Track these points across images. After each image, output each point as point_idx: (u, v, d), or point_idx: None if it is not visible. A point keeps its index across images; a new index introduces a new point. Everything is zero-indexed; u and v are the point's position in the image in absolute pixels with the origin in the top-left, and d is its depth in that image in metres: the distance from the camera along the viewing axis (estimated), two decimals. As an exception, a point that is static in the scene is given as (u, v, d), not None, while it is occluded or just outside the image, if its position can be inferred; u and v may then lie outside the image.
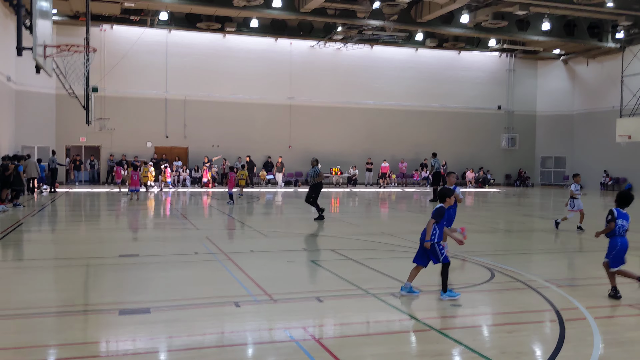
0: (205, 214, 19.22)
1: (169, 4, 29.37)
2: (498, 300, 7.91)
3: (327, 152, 37.30)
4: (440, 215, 7.45)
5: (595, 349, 5.64)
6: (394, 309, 7.06)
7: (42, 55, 13.24)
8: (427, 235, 7.36)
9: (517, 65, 41.81)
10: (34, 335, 5.91)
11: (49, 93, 32.06)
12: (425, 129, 39.60)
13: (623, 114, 35.59)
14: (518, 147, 41.75)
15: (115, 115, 33.32)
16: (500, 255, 11.57)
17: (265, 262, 10.26)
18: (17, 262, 10.59)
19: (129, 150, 34.04)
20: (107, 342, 5.80)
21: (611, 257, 7.73)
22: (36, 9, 12.57)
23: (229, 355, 5.48)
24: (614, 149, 36.63)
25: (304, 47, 37.02)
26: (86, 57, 17.66)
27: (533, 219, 19.13)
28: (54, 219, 17.54)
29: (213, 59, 35.43)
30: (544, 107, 42.50)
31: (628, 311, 7.17)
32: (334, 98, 37.63)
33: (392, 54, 38.66)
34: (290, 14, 30.88)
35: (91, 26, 25.59)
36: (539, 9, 31.09)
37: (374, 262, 9.72)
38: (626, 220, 7.76)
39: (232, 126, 35.65)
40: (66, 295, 7.71)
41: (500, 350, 5.58)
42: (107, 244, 12.43)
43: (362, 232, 14.24)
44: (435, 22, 32.58)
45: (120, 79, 33.49)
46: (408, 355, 5.54)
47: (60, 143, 33.11)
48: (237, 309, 6.95)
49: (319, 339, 5.86)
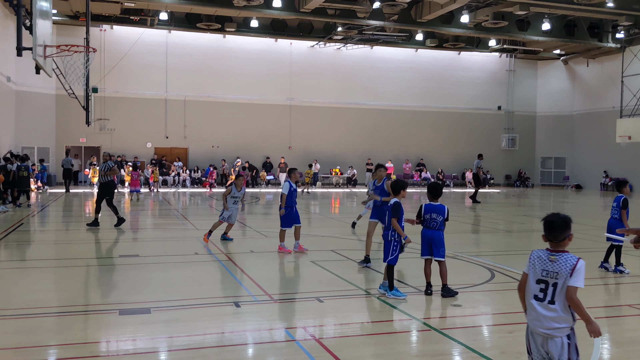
0: (205, 214, 19.22)
1: (169, 4, 29.38)
2: (498, 300, 7.91)
3: (327, 152, 37.32)
4: (397, 210, 7.45)
5: (595, 349, 5.64)
6: (394, 309, 7.06)
7: (42, 55, 13.23)
8: (400, 233, 7.39)
9: (517, 66, 41.82)
10: (34, 335, 5.91)
11: (49, 93, 32.06)
12: (425, 129, 39.62)
13: (623, 114, 35.59)
14: (518, 147, 41.74)
15: (115, 116, 33.33)
16: (500, 255, 11.56)
17: (265, 262, 10.26)
18: (17, 263, 10.59)
19: (129, 151, 34.05)
20: (107, 342, 5.79)
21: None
22: (36, 9, 12.56)
23: (229, 355, 5.48)
24: (614, 150, 36.62)
25: (304, 47, 37.03)
26: (86, 58, 17.66)
27: (533, 220, 19.14)
28: (54, 219, 17.54)
29: (213, 59, 35.43)
30: (544, 108, 42.51)
31: (628, 311, 7.17)
32: (334, 98, 37.64)
33: (392, 54, 38.67)
34: (290, 14, 30.89)
35: (91, 26, 25.63)
36: (539, 9, 31.10)
37: (374, 263, 9.71)
38: (437, 212, 7.53)
39: (232, 126, 35.65)
40: (66, 296, 7.71)
41: (500, 351, 5.58)
42: (107, 244, 12.43)
43: (362, 233, 14.23)
44: (435, 22, 32.59)
45: (120, 79, 33.51)
46: (408, 355, 5.54)
47: (60, 143, 33.11)
48: (237, 309, 6.95)
49: (319, 339, 5.86)
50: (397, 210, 7.45)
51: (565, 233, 3.87)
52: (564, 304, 3.78)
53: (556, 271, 3.80)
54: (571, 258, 3.81)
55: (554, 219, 3.88)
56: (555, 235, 3.87)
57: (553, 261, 3.83)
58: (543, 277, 3.86)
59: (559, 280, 3.79)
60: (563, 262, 3.80)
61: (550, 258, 3.85)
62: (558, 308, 3.79)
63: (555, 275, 3.80)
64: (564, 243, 3.88)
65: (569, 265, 3.77)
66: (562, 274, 3.78)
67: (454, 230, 16.25)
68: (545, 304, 3.84)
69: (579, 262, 3.78)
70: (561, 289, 3.78)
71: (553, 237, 3.88)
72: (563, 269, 3.78)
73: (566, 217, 3.88)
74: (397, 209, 7.45)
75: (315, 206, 22.49)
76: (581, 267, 3.77)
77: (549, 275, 3.83)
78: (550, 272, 3.83)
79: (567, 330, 3.82)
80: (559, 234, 3.87)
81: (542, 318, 3.85)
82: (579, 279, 3.76)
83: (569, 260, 3.80)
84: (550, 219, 3.90)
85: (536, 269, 3.91)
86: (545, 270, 3.85)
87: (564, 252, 3.85)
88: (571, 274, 3.76)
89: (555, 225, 3.87)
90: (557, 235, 3.87)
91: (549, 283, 3.83)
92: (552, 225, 3.87)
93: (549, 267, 3.84)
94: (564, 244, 3.89)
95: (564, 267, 3.78)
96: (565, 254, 3.84)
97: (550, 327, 3.81)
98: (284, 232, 10.98)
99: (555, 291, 3.80)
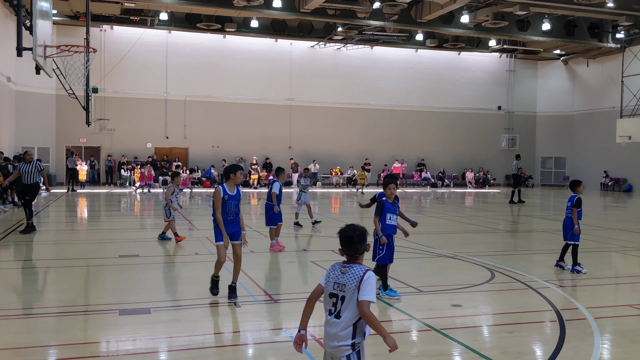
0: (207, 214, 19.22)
1: (169, 4, 29.38)
2: (498, 300, 7.91)
3: (327, 152, 37.32)
4: (380, 209, 7.56)
5: (595, 349, 5.64)
6: (394, 309, 7.06)
7: (42, 55, 13.22)
8: (378, 231, 7.47)
9: (517, 66, 41.82)
10: (34, 335, 5.91)
11: (49, 93, 32.06)
12: (426, 130, 39.62)
13: (623, 114, 35.58)
14: (518, 147, 41.73)
15: (115, 116, 33.32)
16: (500, 255, 11.55)
17: (265, 262, 10.26)
18: (17, 263, 10.58)
19: (129, 151, 34.05)
20: (107, 342, 5.79)
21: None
22: (36, 9, 12.56)
23: (229, 355, 5.48)
24: (614, 150, 36.62)
25: (304, 47, 37.03)
26: (86, 58, 17.66)
27: (533, 219, 19.13)
28: (55, 220, 17.54)
29: (213, 59, 35.44)
30: (544, 108, 42.51)
31: (628, 311, 7.16)
32: (334, 98, 37.64)
33: (392, 54, 38.67)
34: (291, 14, 30.89)
35: (91, 26, 25.61)
36: (539, 9, 31.09)
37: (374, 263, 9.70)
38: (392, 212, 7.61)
39: (232, 127, 35.66)
40: (66, 296, 7.71)
41: (501, 351, 5.58)
42: (107, 244, 12.42)
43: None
44: (435, 22, 32.59)
45: (120, 79, 33.50)
46: (408, 355, 5.54)
47: (60, 143, 33.12)
48: (237, 309, 6.95)
49: (320, 339, 5.85)
50: (379, 208, 7.58)
51: (363, 246, 3.67)
52: (349, 320, 3.56)
53: (344, 283, 3.60)
54: (359, 270, 3.59)
55: (351, 234, 3.67)
56: (354, 249, 3.66)
57: (343, 273, 3.62)
58: (334, 290, 3.65)
59: (346, 293, 3.57)
60: (352, 274, 3.59)
61: (342, 270, 3.65)
62: (341, 323, 3.57)
63: (343, 288, 3.59)
64: (361, 256, 3.69)
65: (357, 277, 3.56)
66: (349, 286, 3.57)
67: (454, 230, 16.26)
68: (332, 318, 3.64)
69: (367, 274, 3.56)
70: (348, 302, 3.56)
71: (352, 251, 3.67)
72: (350, 282, 3.58)
73: (363, 230, 3.70)
74: (380, 207, 7.58)
75: (315, 206, 22.48)
76: (369, 279, 3.55)
77: (339, 287, 3.62)
78: (340, 285, 3.62)
79: (347, 350, 3.57)
80: (358, 247, 3.67)
81: (328, 334, 3.65)
82: (368, 291, 3.52)
83: (357, 272, 3.59)
84: (348, 233, 3.68)
85: (329, 282, 3.70)
86: (337, 282, 3.64)
87: (354, 264, 3.65)
88: (359, 287, 3.53)
89: (353, 240, 3.66)
90: (357, 249, 3.67)
91: (339, 296, 3.62)
92: (351, 240, 3.66)
93: (340, 279, 3.63)
94: (361, 258, 3.69)
95: (351, 280, 3.57)
96: (355, 265, 3.64)
97: (333, 345, 3.62)
98: (273, 230, 11.22)
99: (342, 305, 3.59)
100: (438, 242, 12.66)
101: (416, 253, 11.00)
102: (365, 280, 3.54)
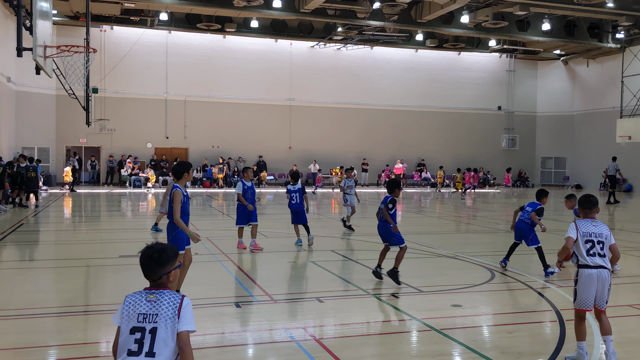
0: (206, 215, 19.23)
1: (169, 4, 29.39)
2: (498, 300, 7.91)
3: (327, 152, 37.31)
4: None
5: (595, 349, 5.64)
6: (394, 309, 7.06)
7: (42, 56, 13.23)
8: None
9: (517, 66, 41.82)
10: (34, 335, 5.91)
11: (49, 94, 32.06)
12: (426, 130, 39.62)
13: (623, 114, 35.58)
14: (518, 147, 41.74)
15: (115, 116, 33.33)
16: (501, 255, 11.55)
17: (265, 262, 10.25)
18: (17, 263, 10.59)
19: (129, 151, 34.04)
20: (107, 342, 5.78)
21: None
22: (36, 9, 12.57)
23: (229, 355, 5.48)
24: (614, 150, 36.54)
25: (304, 48, 37.03)
26: (86, 58, 17.66)
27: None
28: (56, 220, 17.53)
29: (213, 59, 35.44)
30: (544, 108, 42.51)
31: (628, 311, 7.16)
32: (334, 98, 37.64)
33: (392, 54, 38.67)
34: (290, 14, 30.90)
35: (91, 27, 25.61)
36: (539, 9, 31.10)
37: (374, 263, 9.70)
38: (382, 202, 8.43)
39: (232, 127, 35.66)
40: (66, 296, 7.71)
41: (501, 351, 5.58)
42: (107, 244, 12.42)
43: (362, 233, 14.22)
44: (435, 23, 32.60)
45: (120, 79, 33.50)
46: (408, 355, 5.54)
47: (60, 144, 33.13)
48: (237, 309, 6.96)
49: (320, 339, 5.85)
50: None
51: (165, 268, 3.21)
52: (171, 354, 3.09)
53: (155, 313, 3.12)
54: (174, 296, 3.17)
55: (150, 254, 3.22)
56: (154, 271, 3.19)
57: (152, 301, 3.14)
58: (139, 323, 3.10)
59: (159, 324, 3.09)
60: (165, 301, 3.14)
61: (149, 298, 3.16)
62: None
63: (155, 318, 3.10)
64: (164, 280, 3.23)
65: (173, 305, 3.13)
66: (164, 315, 3.11)
67: (454, 230, 16.26)
68: (141, 358, 3.04)
69: (184, 301, 3.17)
70: (163, 335, 3.08)
71: (154, 275, 3.20)
72: (164, 310, 3.12)
73: (164, 250, 3.25)
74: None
75: (315, 206, 22.47)
76: (187, 306, 3.17)
77: (147, 319, 3.10)
78: (148, 315, 3.11)
79: None
80: (158, 270, 3.20)
81: None
82: (189, 320, 3.15)
83: (172, 298, 3.16)
84: (147, 253, 3.22)
85: (130, 315, 3.11)
86: (143, 313, 3.11)
87: (165, 289, 3.21)
88: (178, 315, 3.11)
89: (153, 261, 3.21)
90: (156, 272, 3.18)
91: (146, 330, 3.08)
92: (150, 260, 3.21)
93: (148, 309, 3.12)
94: (165, 281, 3.23)
95: (166, 308, 3.12)
96: (166, 291, 3.20)
97: None
98: (241, 230, 11.23)
99: (155, 339, 3.07)
100: (438, 242, 12.65)
101: (416, 253, 11.00)
102: (183, 307, 3.15)
